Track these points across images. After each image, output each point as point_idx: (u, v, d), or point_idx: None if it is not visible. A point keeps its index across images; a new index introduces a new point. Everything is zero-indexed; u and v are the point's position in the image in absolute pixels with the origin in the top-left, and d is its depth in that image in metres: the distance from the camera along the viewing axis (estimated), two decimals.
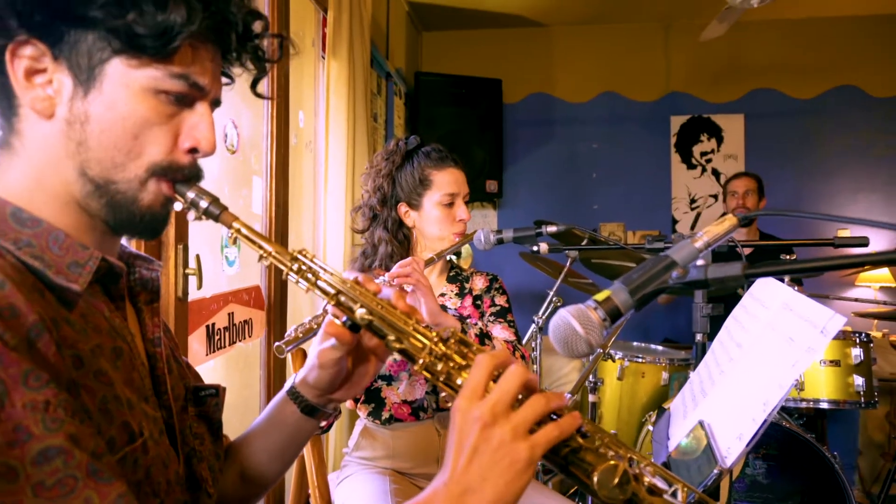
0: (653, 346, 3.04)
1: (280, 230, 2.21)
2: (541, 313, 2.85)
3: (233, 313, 1.83)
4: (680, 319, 4.14)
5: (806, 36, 4.43)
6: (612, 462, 0.63)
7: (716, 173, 4.57)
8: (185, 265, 1.50)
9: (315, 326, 1.21)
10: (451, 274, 1.77)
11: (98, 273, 0.65)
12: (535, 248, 1.63)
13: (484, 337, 1.55)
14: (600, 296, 0.69)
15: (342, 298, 0.74)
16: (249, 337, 1.97)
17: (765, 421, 0.87)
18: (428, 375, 0.70)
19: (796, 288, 2.30)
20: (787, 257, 2.36)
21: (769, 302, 1.15)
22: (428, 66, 4.83)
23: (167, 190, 0.68)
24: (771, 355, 1.00)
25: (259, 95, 0.79)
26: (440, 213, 1.66)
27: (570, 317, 0.68)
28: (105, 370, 0.61)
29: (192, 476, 0.76)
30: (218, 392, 0.86)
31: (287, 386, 0.88)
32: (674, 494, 0.67)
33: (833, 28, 4.39)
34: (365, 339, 0.82)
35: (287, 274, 0.74)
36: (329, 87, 2.63)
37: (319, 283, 0.74)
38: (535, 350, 2.85)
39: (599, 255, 2.57)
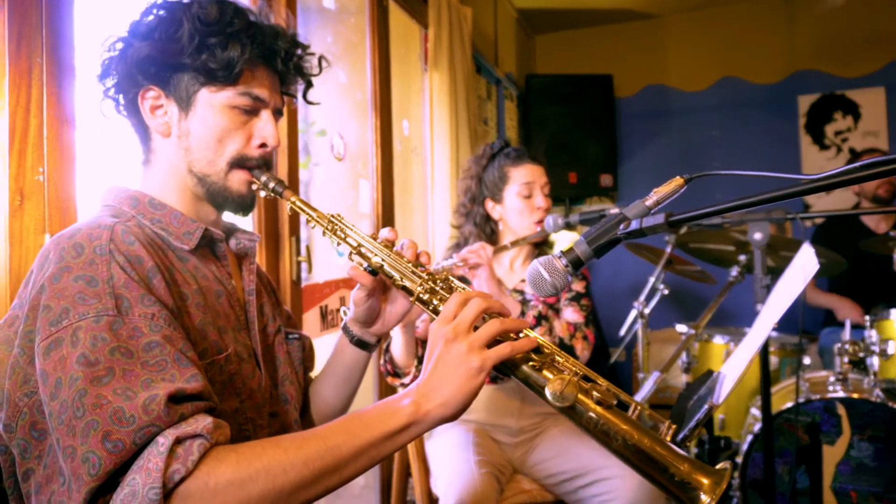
0: None
1: (387, 226, 2.50)
2: (642, 298, 2.90)
3: (343, 297, 2.14)
4: (819, 314, 3.93)
5: None
6: (564, 376, 0.79)
7: (853, 153, 4.26)
8: (298, 254, 1.82)
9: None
10: None
11: (203, 239, 0.94)
12: None
13: (541, 318, 1.72)
14: (566, 247, 0.86)
15: (362, 249, 0.97)
16: None
17: (750, 358, 0.97)
18: (420, 305, 0.90)
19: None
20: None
21: (796, 264, 1.22)
22: (542, 67, 4.98)
23: (246, 175, 0.96)
24: (777, 305, 1.09)
25: (310, 102, 1.07)
26: (521, 204, 1.86)
27: (539, 265, 0.85)
28: (206, 304, 0.89)
29: (280, 392, 1.01)
30: (300, 337, 1.12)
31: (341, 325, 1.12)
32: (624, 406, 0.81)
33: None
34: (389, 282, 1.01)
35: (324, 232, 0.99)
36: (432, 97, 2.90)
37: (348, 238, 0.98)
38: (639, 334, 2.90)
39: (696, 241, 2.59)
